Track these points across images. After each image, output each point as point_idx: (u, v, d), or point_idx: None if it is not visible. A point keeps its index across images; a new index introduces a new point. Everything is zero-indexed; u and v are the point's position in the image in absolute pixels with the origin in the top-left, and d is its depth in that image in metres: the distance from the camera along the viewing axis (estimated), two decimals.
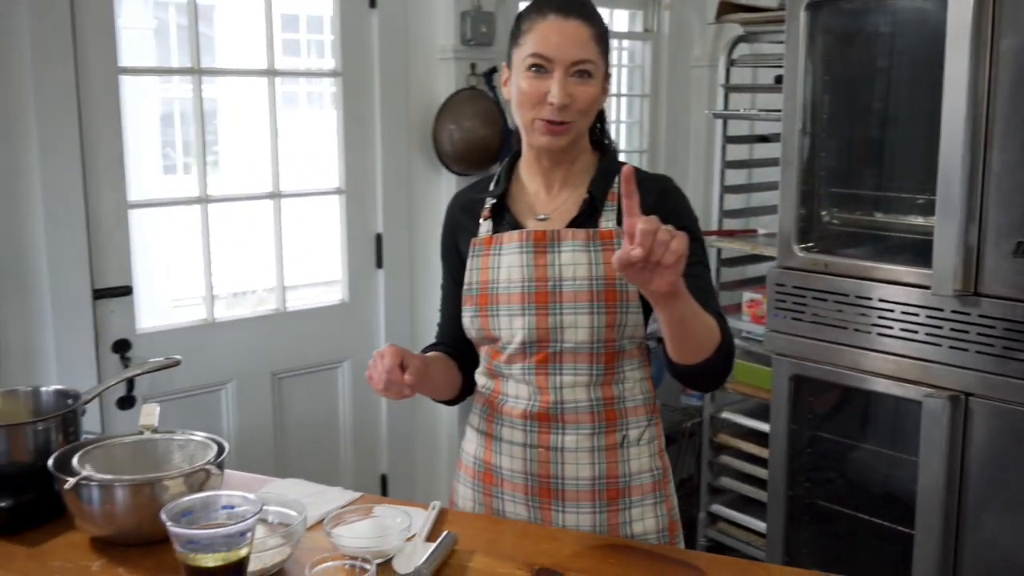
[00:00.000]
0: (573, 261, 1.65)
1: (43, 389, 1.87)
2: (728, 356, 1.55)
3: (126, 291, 2.88)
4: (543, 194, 1.74)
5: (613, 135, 4.14)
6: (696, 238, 1.62)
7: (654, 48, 4.20)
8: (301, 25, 3.36)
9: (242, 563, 1.29)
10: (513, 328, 1.67)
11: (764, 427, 3.09)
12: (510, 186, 1.76)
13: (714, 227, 3.55)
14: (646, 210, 1.33)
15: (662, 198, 1.66)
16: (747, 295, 3.46)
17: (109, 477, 1.54)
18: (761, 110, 3.43)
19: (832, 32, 2.65)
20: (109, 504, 1.53)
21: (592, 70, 1.62)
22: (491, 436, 1.75)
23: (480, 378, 1.78)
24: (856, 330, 2.56)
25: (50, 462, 1.60)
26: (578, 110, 1.62)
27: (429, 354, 1.78)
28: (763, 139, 3.53)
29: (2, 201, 2.64)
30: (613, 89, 4.18)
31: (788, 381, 2.73)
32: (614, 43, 4.18)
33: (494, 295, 1.68)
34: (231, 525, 1.27)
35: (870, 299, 2.52)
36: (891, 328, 2.48)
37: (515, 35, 1.67)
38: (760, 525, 3.27)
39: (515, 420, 1.70)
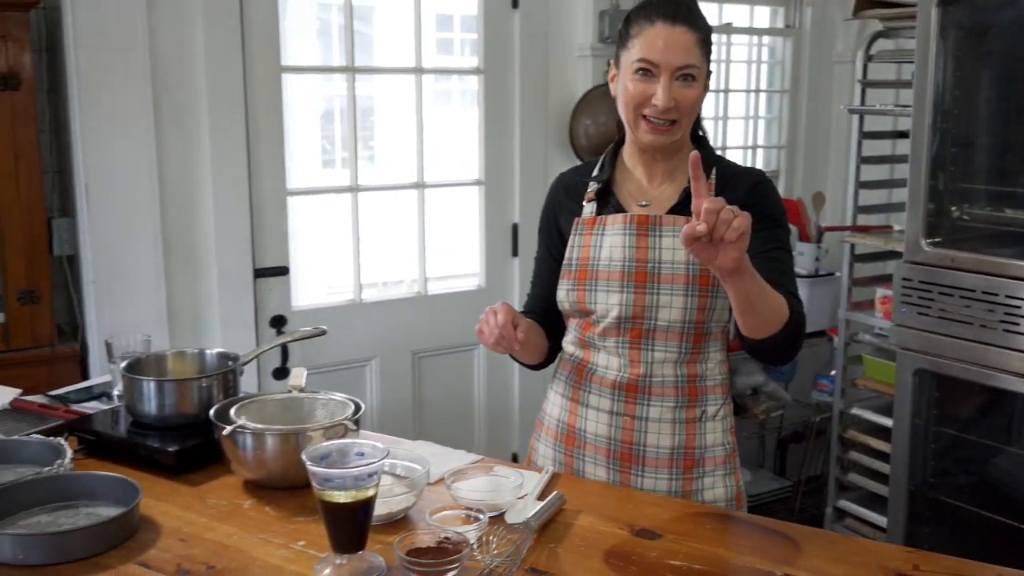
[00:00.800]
0: (673, 246, 1.76)
1: (207, 351, 2.10)
2: (796, 334, 1.65)
3: (283, 271, 3.14)
4: (645, 182, 1.86)
5: (751, 131, 4.21)
6: (781, 226, 1.76)
7: (795, 44, 4.21)
8: (455, 24, 3.55)
9: (369, 502, 1.45)
10: (609, 303, 1.79)
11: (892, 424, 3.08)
12: (614, 172, 1.88)
13: (849, 222, 3.55)
14: (735, 201, 1.47)
15: (752, 191, 1.78)
16: (880, 291, 3.45)
17: (261, 427, 1.74)
18: (900, 106, 3.41)
19: (964, 27, 2.64)
20: (259, 450, 1.73)
21: (695, 74, 1.73)
22: (577, 402, 1.88)
23: (568, 347, 1.91)
24: (982, 326, 2.55)
25: (211, 412, 1.82)
26: (681, 112, 1.74)
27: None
28: (901, 135, 3.50)
29: (177, 185, 2.93)
30: (752, 85, 4.22)
31: (912, 376, 2.74)
32: (754, 39, 4.22)
33: (593, 271, 1.81)
34: (360, 467, 1.44)
35: (997, 295, 2.51)
36: (1018, 324, 2.47)
37: (623, 37, 1.79)
38: (883, 522, 3.26)
39: (604, 389, 1.83)
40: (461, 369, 3.55)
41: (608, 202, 1.86)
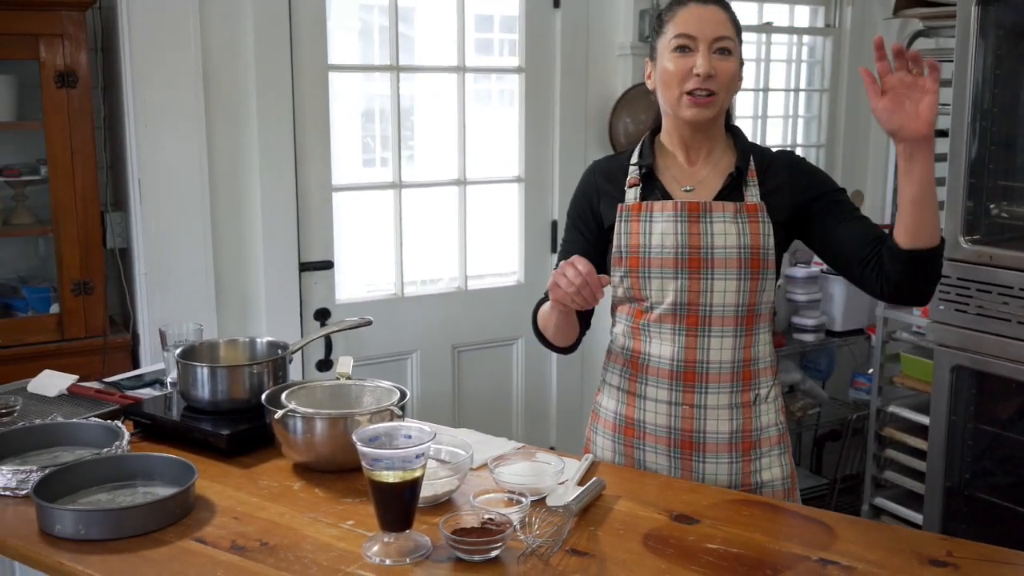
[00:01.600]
0: (724, 231, 1.81)
1: (258, 340, 2.17)
2: (942, 258, 1.74)
3: (328, 265, 3.21)
4: (686, 167, 1.90)
5: (790, 130, 4.23)
6: (841, 189, 1.87)
7: (835, 43, 4.22)
8: (495, 25, 3.61)
9: (416, 482, 1.51)
10: (664, 290, 1.83)
11: (928, 421, 3.10)
12: (655, 158, 1.92)
13: (888, 221, 3.56)
14: (780, 180, 1.73)
15: (795, 168, 1.87)
16: None
17: (311, 411, 1.81)
18: (941, 104, 3.41)
19: (1003, 27, 2.66)
20: (309, 434, 1.80)
21: (731, 48, 1.80)
22: (634, 394, 1.92)
23: (619, 338, 1.94)
24: (1020, 323, 2.56)
25: (263, 397, 1.89)
26: (720, 83, 1.79)
27: None
28: (942, 134, 3.50)
29: (226, 181, 3.02)
30: (791, 84, 4.24)
31: (949, 372, 2.76)
32: (794, 39, 4.24)
33: (646, 259, 1.85)
34: (408, 448, 1.50)
35: None
36: None
37: (657, 28, 1.86)
38: (919, 519, 3.27)
39: (661, 380, 1.87)
40: (500, 363, 3.60)
41: (652, 187, 1.90)
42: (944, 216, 2.77)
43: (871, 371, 3.66)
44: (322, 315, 3.22)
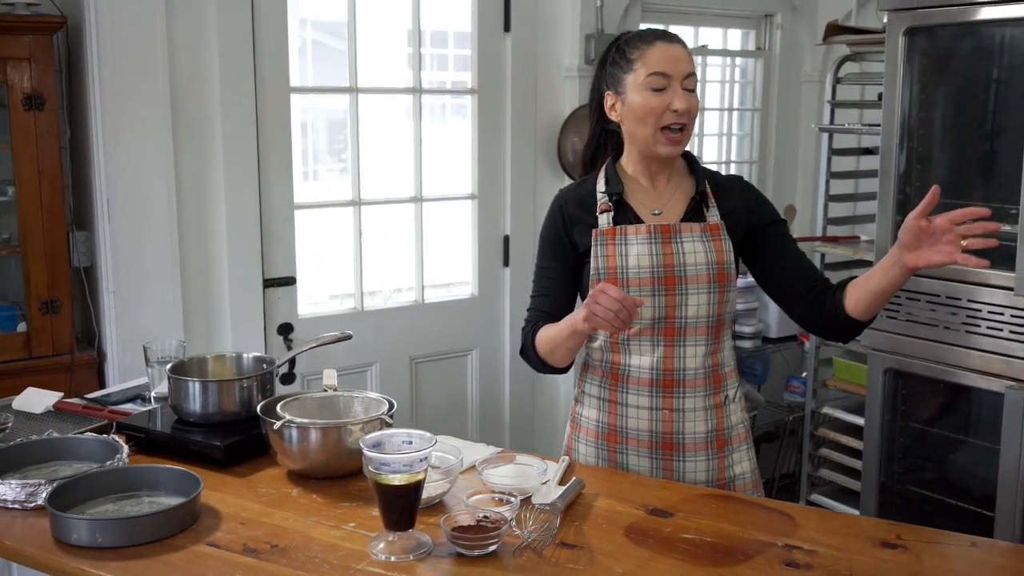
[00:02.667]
0: (694, 250, 1.98)
1: (244, 355, 2.27)
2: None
3: (290, 281, 3.30)
4: (652, 191, 2.07)
5: (724, 147, 4.44)
6: (784, 221, 2.09)
7: (766, 65, 4.46)
8: (449, 41, 3.75)
9: (419, 484, 1.63)
10: (643, 307, 1.98)
11: (862, 421, 3.31)
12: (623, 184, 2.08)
13: (819, 233, 3.78)
14: (736, 203, 1.96)
15: (745, 193, 2.09)
16: None
17: (307, 421, 1.91)
18: (866, 124, 3.66)
19: (928, 55, 2.89)
20: (305, 443, 1.90)
21: (695, 83, 1.98)
22: (615, 402, 2.06)
23: (596, 353, 2.09)
24: (946, 328, 2.78)
25: (259, 409, 1.99)
26: (691, 116, 1.97)
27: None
28: (867, 152, 3.75)
29: (193, 199, 3.09)
30: (725, 104, 4.46)
31: (883, 375, 2.97)
32: (727, 60, 4.46)
33: (624, 279, 2.00)
34: (412, 452, 1.62)
35: (959, 300, 2.74)
36: (978, 326, 2.70)
37: (624, 64, 1.99)
38: (855, 513, 3.49)
39: (641, 388, 2.03)
40: (456, 373, 3.73)
41: (623, 212, 2.05)
42: (876, 229, 2.99)
43: (804, 375, 3.88)
44: (285, 329, 3.31)
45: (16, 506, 1.79)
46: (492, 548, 1.64)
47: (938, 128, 2.98)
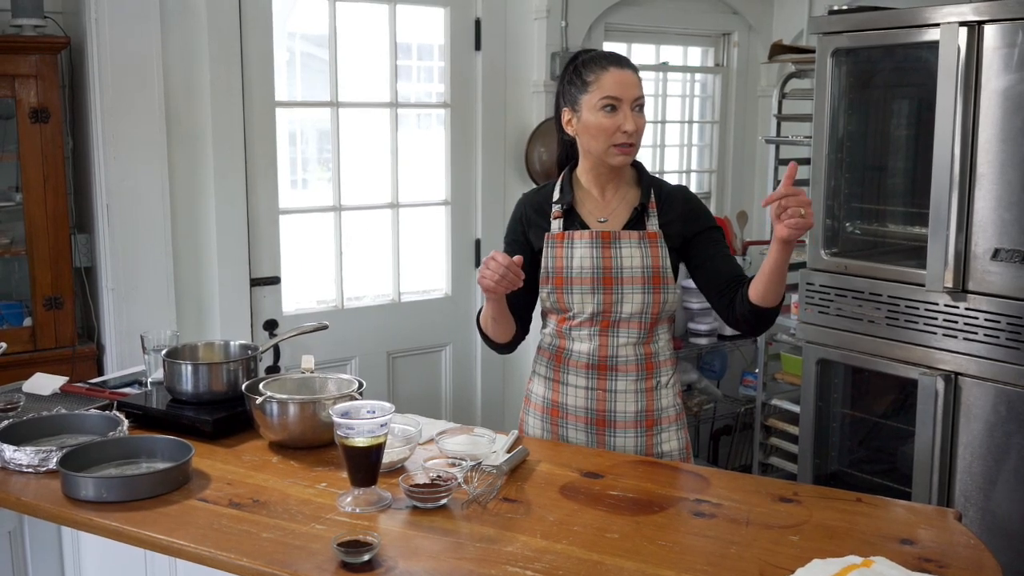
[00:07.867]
0: (631, 255, 2.25)
1: (231, 342, 2.53)
2: (776, 316, 2.22)
3: (275, 280, 3.57)
4: (600, 200, 2.33)
5: (685, 157, 4.72)
6: (719, 228, 2.32)
7: (724, 80, 4.75)
8: (417, 52, 4.03)
9: (380, 446, 1.89)
10: (584, 303, 2.26)
11: None
12: (574, 193, 2.35)
13: (768, 237, 4.06)
14: (676, 213, 2.19)
15: (687, 203, 2.32)
16: (794, 296, 3.96)
17: (285, 397, 2.18)
18: (807, 136, 3.94)
19: (853, 75, 3.18)
20: (284, 416, 2.17)
21: (643, 104, 2.24)
22: (559, 382, 2.34)
23: (547, 338, 2.37)
24: (870, 321, 3.07)
25: (243, 387, 2.26)
26: (639, 135, 2.23)
27: None
28: (807, 162, 4.03)
29: (185, 204, 3.36)
30: (685, 117, 4.75)
31: (815, 364, 3.25)
32: (687, 76, 4.75)
33: (569, 278, 2.27)
34: (374, 419, 1.89)
35: (881, 295, 3.03)
36: (897, 319, 2.99)
37: (580, 85, 2.24)
38: None
39: (580, 370, 2.30)
40: (431, 367, 4.00)
41: (573, 219, 2.32)
42: (808, 233, 3.27)
43: (757, 370, 4.16)
44: (271, 325, 3.57)
45: (30, 470, 2.05)
46: (443, 502, 1.90)
47: (864, 141, 3.27)
